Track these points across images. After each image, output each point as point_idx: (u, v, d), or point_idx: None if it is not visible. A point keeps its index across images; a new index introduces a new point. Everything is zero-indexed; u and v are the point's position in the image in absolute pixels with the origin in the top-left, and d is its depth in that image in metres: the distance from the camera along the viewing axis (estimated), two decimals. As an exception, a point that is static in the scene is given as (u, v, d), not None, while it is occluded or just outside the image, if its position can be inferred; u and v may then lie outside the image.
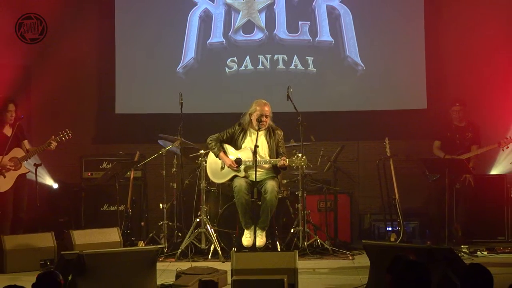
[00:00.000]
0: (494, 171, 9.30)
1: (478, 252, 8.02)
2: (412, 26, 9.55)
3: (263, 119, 7.77)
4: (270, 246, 7.84)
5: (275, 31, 9.62)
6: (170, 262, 7.60)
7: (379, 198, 8.92)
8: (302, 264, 6.82)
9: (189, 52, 9.68)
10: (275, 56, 9.64)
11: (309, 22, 9.60)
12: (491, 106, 9.30)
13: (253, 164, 7.59)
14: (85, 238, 7.68)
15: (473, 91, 9.26)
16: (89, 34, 9.78)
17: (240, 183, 7.78)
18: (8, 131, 8.15)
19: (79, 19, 9.70)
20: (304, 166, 7.80)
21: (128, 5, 9.75)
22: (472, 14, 9.41)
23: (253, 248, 7.61)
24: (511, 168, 9.12)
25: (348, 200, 8.95)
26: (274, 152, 7.89)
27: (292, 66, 9.63)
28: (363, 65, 9.60)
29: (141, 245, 8.25)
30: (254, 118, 7.84)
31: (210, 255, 7.74)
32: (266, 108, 7.85)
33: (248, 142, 7.92)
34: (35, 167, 8.23)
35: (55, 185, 9.37)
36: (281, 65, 9.64)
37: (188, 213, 8.26)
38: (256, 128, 7.77)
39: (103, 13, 9.76)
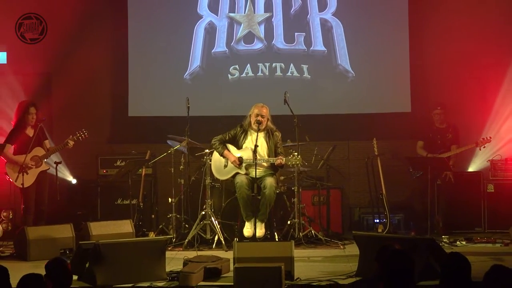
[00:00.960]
0: (471, 168, 9.30)
1: (458, 242, 8.03)
2: (398, 37, 9.54)
3: (259, 118, 7.79)
4: (268, 236, 7.84)
5: (273, 42, 9.61)
6: (178, 251, 7.61)
7: (367, 193, 8.92)
8: (298, 253, 6.81)
9: (195, 60, 9.68)
10: (273, 64, 9.63)
11: (304, 33, 9.59)
12: (469, 109, 9.30)
13: (253, 162, 7.62)
14: (101, 229, 7.68)
15: (453, 95, 9.27)
16: (105, 44, 9.76)
17: (241, 179, 7.79)
18: (30, 132, 8.14)
19: (95, 30, 9.69)
20: (299, 164, 7.81)
21: (140, 17, 9.74)
22: (451, 26, 9.40)
23: (253, 238, 7.62)
24: (487, 165, 9.13)
25: (340, 194, 8.95)
26: (273, 152, 7.89)
27: (289, 73, 9.62)
28: (353, 72, 9.59)
29: (151, 235, 8.26)
30: (253, 119, 7.87)
31: (214, 245, 7.74)
32: (264, 110, 7.87)
33: (249, 142, 7.93)
34: (55, 164, 8.23)
35: (74, 181, 9.38)
36: (278, 72, 9.63)
37: (194, 207, 8.27)
38: (256, 129, 7.79)
39: (117, 25, 9.74)
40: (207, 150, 8.17)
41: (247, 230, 7.73)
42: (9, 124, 8.54)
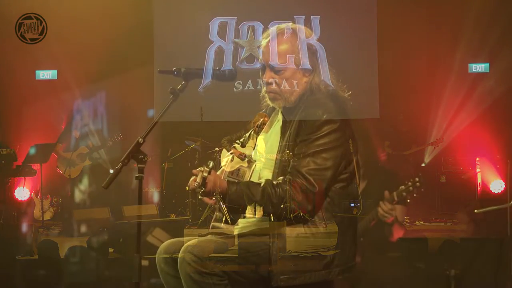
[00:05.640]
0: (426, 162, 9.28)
1: (416, 222, 8.03)
2: (368, 58, 9.52)
3: (262, 126, 7.78)
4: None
5: (269, 62, 9.57)
6: (194, 229, 7.58)
7: (345, 183, 8.90)
8: (289, 230, 6.72)
9: (208, 76, 9.61)
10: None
11: (294, 55, 9.55)
12: (423, 114, 9.28)
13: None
14: (132, 211, 7.66)
15: (413, 104, 9.25)
16: (135, 64, 9.73)
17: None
18: (76, 134, 8.16)
19: (127, 54, 9.64)
20: (289, 158, 7.77)
21: (164, 43, 9.70)
22: (410, 45, 9.39)
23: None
24: (440, 159, 9.10)
25: (323, 184, 8.91)
26: (269, 149, 7.88)
27: (282, 87, 9.57)
28: (333, 86, 9.53)
29: (172, 216, 8.24)
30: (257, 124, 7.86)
31: (222, 224, 7.70)
32: (266, 118, 7.85)
33: (251, 142, 7.90)
34: (96, 160, 8.25)
35: (111, 171, 9.32)
36: (274, 86, 9.59)
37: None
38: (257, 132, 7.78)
39: (144, 50, 9.73)
40: (216, 148, 8.14)
41: (249, 212, 7.70)
42: (59, 127, 8.54)
